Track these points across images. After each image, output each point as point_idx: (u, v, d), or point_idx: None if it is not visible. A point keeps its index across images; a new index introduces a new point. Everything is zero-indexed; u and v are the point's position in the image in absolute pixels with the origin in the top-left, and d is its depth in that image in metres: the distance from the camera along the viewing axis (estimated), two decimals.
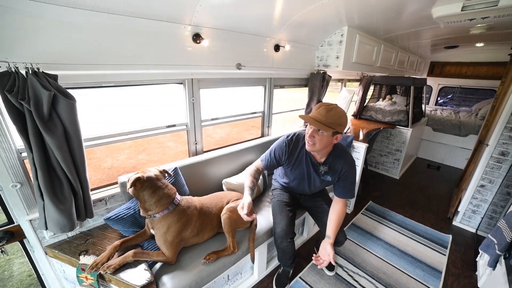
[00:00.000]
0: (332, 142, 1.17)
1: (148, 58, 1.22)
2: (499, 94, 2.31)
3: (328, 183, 1.37)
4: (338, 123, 1.09)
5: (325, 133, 1.11)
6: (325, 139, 1.13)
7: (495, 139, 1.97)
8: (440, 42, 3.34)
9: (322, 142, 1.14)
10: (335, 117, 1.08)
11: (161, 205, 1.15)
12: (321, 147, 1.17)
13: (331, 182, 1.33)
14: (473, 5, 1.58)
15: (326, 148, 1.21)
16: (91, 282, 1.05)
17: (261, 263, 1.63)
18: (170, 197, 1.18)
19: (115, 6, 1.00)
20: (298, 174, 1.39)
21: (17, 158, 1.05)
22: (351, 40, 2.10)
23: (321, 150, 1.20)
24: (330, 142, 1.16)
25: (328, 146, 1.19)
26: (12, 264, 1.98)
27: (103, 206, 1.35)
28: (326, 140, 1.14)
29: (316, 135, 1.13)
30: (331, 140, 1.15)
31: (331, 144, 1.19)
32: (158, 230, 1.16)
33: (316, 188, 1.46)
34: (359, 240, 2.09)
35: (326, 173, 1.31)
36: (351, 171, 1.27)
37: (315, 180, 1.37)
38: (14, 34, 0.85)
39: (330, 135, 1.12)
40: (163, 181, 1.19)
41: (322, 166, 1.29)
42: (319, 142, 1.14)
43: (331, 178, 1.31)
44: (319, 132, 1.12)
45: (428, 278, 1.72)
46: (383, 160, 3.50)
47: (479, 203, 2.20)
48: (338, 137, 1.15)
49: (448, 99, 5.04)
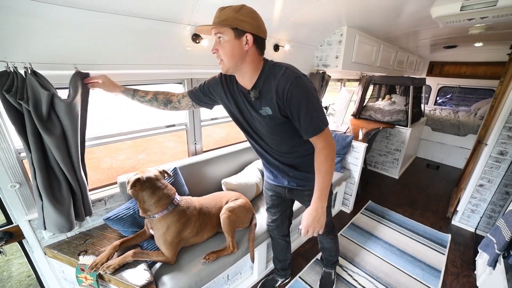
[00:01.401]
0: (243, 50, 0.84)
1: (147, 58, 1.22)
2: (498, 94, 2.32)
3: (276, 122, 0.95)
4: (235, 17, 0.80)
5: (225, 37, 0.82)
6: (227, 46, 0.83)
7: (494, 138, 1.98)
8: (439, 42, 3.35)
9: (225, 51, 0.84)
10: (229, 11, 0.81)
11: (161, 205, 1.15)
12: (229, 59, 0.86)
13: (277, 118, 0.94)
14: (472, 5, 1.59)
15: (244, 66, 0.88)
16: (90, 282, 1.05)
17: (261, 262, 1.63)
18: (170, 198, 1.18)
19: (114, 5, 1.00)
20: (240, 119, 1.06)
21: (16, 158, 1.05)
22: (350, 40, 2.11)
23: (232, 66, 0.87)
24: (239, 49, 0.84)
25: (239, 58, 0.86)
26: (11, 264, 1.98)
27: (102, 206, 1.35)
28: (230, 47, 0.83)
29: (218, 46, 0.85)
30: (239, 45, 0.83)
31: (243, 54, 0.85)
32: (158, 230, 1.16)
33: (267, 137, 1.04)
34: (358, 239, 2.09)
35: (261, 104, 0.93)
36: (297, 89, 0.85)
37: (254, 120, 1.00)
38: (12, 33, 0.85)
39: (233, 38, 0.82)
40: (162, 182, 1.19)
41: (252, 92, 0.93)
42: (222, 52, 0.85)
43: (270, 110, 0.92)
44: (220, 41, 0.84)
45: (427, 278, 1.73)
46: (382, 159, 3.50)
47: (478, 203, 2.20)
48: (249, 40, 0.83)
49: (447, 99, 5.05)
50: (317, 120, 0.89)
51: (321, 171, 0.93)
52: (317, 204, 0.92)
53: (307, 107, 0.87)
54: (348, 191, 2.48)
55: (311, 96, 0.87)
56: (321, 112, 0.90)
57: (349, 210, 2.52)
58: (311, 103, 0.87)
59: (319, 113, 0.90)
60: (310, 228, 0.92)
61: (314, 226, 0.92)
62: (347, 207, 2.54)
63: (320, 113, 0.90)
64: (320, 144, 0.93)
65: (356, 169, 2.37)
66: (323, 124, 0.91)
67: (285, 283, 1.64)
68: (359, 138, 2.40)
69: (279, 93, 0.87)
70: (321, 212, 0.92)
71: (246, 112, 1.01)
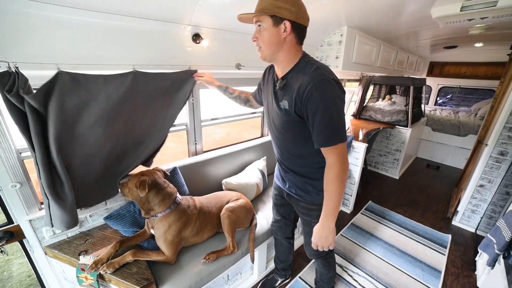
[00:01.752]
0: (281, 37, 0.83)
1: (147, 58, 1.22)
2: (498, 94, 2.32)
3: (287, 118, 0.92)
4: (273, 4, 0.78)
5: (264, 24, 0.82)
6: (266, 34, 0.83)
7: (494, 139, 1.98)
8: (440, 42, 3.34)
9: (264, 39, 0.85)
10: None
11: (164, 204, 1.16)
12: (266, 47, 0.86)
13: (289, 115, 0.90)
14: (472, 6, 1.59)
15: (281, 54, 0.87)
16: (91, 282, 1.05)
17: (261, 263, 1.63)
18: (172, 196, 1.19)
19: (114, 6, 1.00)
20: (265, 107, 1.08)
21: (17, 158, 1.05)
22: (350, 40, 2.11)
23: (269, 54, 0.88)
24: (276, 37, 0.83)
25: (277, 45, 0.85)
26: (11, 264, 1.98)
27: (102, 206, 1.35)
28: (269, 35, 0.83)
29: (258, 34, 0.86)
30: (277, 33, 0.82)
31: (281, 42, 0.84)
32: (158, 230, 1.16)
33: (279, 133, 1.01)
34: (358, 240, 2.09)
35: (283, 96, 0.91)
36: (318, 92, 0.79)
37: (274, 111, 0.98)
38: (13, 33, 0.85)
39: (271, 26, 0.82)
40: (164, 180, 1.21)
41: (279, 82, 0.93)
42: (261, 40, 0.86)
43: (287, 104, 0.89)
44: (260, 29, 0.85)
45: (427, 278, 1.73)
46: (382, 160, 3.50)
47: (478, 203, 2.20)
48: (287, 27, 0.81)
49: (447, 99, 5.05)
50: (330, 132, 0.82)
51: (329, 190, 0.90)
52: (324, 223, 0.93)
53: (323, 115, 0.80)
54: (348, 191, 2.48)
55: (331, 104, 0.80)
56: (338, 125, 0.83)
57: (349, 210, 2.52)
58: (328, 111, 0.80)
59: (336, 125, 0.82)
60: (318, 244, 0.96)
61: (321, 244, 0.95)
62: (347, 207, 2.54)
63: (336, 126, 0.82)
64: (330, 160, 0.87)
65: (356, 169, 2.37)
66: (336, 139, 0.83)
67: (285, 283, 1.64)
68: (359, 138, 2.41)
69: (300, 90, 0.83)
70: (328, 231, 0.93)
71: (270, 100, 0.99)
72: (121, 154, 1.24)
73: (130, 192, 1.13)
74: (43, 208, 1.19)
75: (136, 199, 1.15)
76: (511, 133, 1.91)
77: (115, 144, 1.17)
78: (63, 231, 1.22)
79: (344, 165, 0.87)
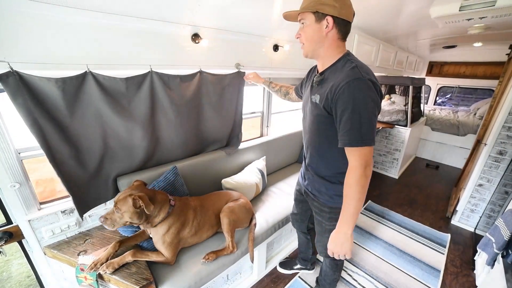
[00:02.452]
0: (322, 33, 0.85)
1: (146, 58, 1.22)
2: (497, 94, 2.33)
3: (317, 112, 0.92)
4: (316, 1, 0.81)
5: (307, 21, 0.85)
6: (309, 30, 0.86)
7: (493, 138, 1.98)
8: (439, 42, 3.35)
9: (306, 36, 0.88)
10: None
11: (163, 210, 1.13)
12: (308, 43, 0.89)
13: (319, 109, 0.91)
14: (471, 5, 1.59)
15: (323, 50, 0.89)
16: (90, 282, 1.05)
17: (261, 262, 1.63)
18: (167, 200, 1.17)
19: (113, 6, 1.00)
20: (303, 99, 1.11)
21: (16, 158, 1.05)
22: (350, 40, 2.10)
23: (311, 50, 0.90)
24: (318, 33, 0.85)
25: (319, 41, 0.87)
26: (10, 265, 1.98)
27: (102, 206, 1.35)
28: (311, 31, 0.85)
29: (301, 31, 0.89)
30: (319, 29, 0.84)
31: (323, 38, 0.86)
32: (156, 234, 1.14)
33: (308, 126, 1.02)
34: (358, 239, 2.09)
35: (318, 90, 0.92)
36: (350, 89, 0.78)
37: (307, 103, 1.01)
38: (13, 34, 0.85)
39: (314, 22, 0.84)
40: (151, 189, 1.17)
41: (316, 76, 0.95)
42: (304, 36, 0.89)
43: (319, 99, 0.90)
44: (303, 26, 0.88)
45: (426, 277, 1.73)
46: (382, 159, 3.51)
47: (477, 202, 2.21)
48: (329, 23, 0.82)
49: (446, 99, 5.06)
50: (357, 133, 0.79)
51: (348, 195, 0.86)
52: (341, 228, 0.90)
53: (352, 113, 0.78)
54: None
55: (361, 104, 0.78)
56: (365, 127, 0.79)
57: None
58: (358, 111, 0.78)
59: (363, 126, 0.79)
60: (334, 251, 0.93)
61: (337, 251, 0.92)
62: None
63: (363, 127, 0.79)
64: (353, 163, 0.84)
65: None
66: (362, 141, 0.79)
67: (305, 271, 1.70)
68: None
69: (334, 86, 0.82)
70: (344, 238, 0.89)
71: (307, 95, 1.01)
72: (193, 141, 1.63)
73: (123, 216, 1.03)
74: (42, 209, 1.19)
75: (131, 220, 1.04)
76: (510, 133, 1.91)
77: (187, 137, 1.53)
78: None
79: (366, 171, 0.83)
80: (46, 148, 1.00)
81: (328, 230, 1.14)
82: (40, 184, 2.30)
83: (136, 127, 1.25)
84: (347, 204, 0.87)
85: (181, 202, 1.25)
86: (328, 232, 1.09)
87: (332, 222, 1.09)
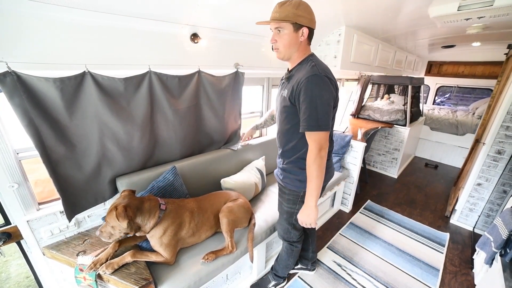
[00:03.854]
0: (298, 40, 0.98)
1: (145, 58, 1.22)
2: (495, 93, 2.33)
3: (284, 104, 1.07)
4: (294, 13, 0.92)
5: (285, 30, 0.96)
6: (286, 37, 0.97)
7: (492, 137, 1.99)
8: (437, 41, 3.36)
9: (283, 41, 0.98)
10: (290, 7, 0.93)
11: (153, 217, 1.10)
12: (285, 49, 1.00)
13: (286, 101, 1.05)
14: (469, 5, 1.59)
15: (296, 53, 1.02)
16: (89, 283, 1.05)
17: (260, 262, 1.64)
18: (157, 204, 1.14)
19: (112, 6, 1.00)
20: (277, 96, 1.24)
21: (14, 159, 1.05)
22: (349, 39, 2.11)
23: (287, 54, 1.02)
24: (295, 40, 0.98)
25: (294, 47, 1.00)
26: (9, 265, 1.97)
27: (101, 206, 1.35)
28: (288, 38, 0.97)
29: (277, 37, 0.99)
30: (295, 37, 0.97)
31: (298, 44, 0.99)
32: (153, 237, 1.14)
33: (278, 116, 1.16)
34: (357, 239, 2.10)
35: (286, 85, 1.07)
36: (308, 84, 0.93)
37: (278, 98, 1.15)
38: (12, 34, 0.85)
39: (292, 31, 0.96)
40: (139, 197, 1.14)
41: (286, 73, 1.10)
42: (281, 43, 0.99)
43: (286, 93, 1.05)
44: (279, 32, 0.98)
45: (425, 276, 1.74)
46: (381, 159, 3.51)
47: (476, 201, 2.21)
48: (304, 33, 0.97)
49: (445, 98, 5.07)
50: (313, 120, 0.95)
51: (309, 173, 1.03)
52: (307, 202, 1.08)
53: (309, 103, 0.94)
54: (347, 190, 2.49)
55: (317, 95, 0.94)
56: (321, 114, 0.95)
57: (348, 210, 2.53)
58: (314, 101, 0.94)
59: (319, 114, 0.94)
60: (302, 221, 1.12)
61: (305, 220, 1.11)
62: (346, 206, 2.55)
63: (319, 115, 0.95)
64: (310, 145, 1.00)
65: (355, 169, 2.37)
66: (317, 126, 0.95)
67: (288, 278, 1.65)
68: (358, 137, 2.41)
69: (297, 81, 0.98)
70: (310, 210, 1.07)
71: (279, 90, 1.16)
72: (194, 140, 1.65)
73: (114, 228, 1.03)
74: (41, 209, 1.19)
75: (126, 231, 1.04)
76: (508, 132, 1.92)
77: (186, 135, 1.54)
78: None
79: (321, 152, 0.98)
80: (41, 148, 1.00)
81: (285, 211, 1.29)
82: (39, 185, 2.29)
83: (135, 127, 1.25)
84: (309, 181, 1.03)
85: (174, 204, 1.22)
86: (286, 214, 1.30)
87: (290, 204, 1.24)
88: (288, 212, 1.27)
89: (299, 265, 1.71)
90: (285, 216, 1.30)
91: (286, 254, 1.46)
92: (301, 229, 1.37)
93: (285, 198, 1.25)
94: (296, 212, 1.23)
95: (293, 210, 1.24)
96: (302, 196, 1.17)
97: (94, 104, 1.09)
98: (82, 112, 1.08)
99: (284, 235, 1.38)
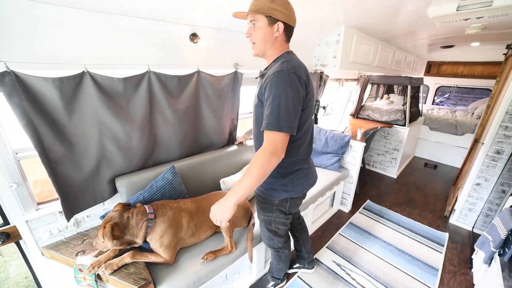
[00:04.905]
0: (273, 36, 0.93)
1: (144, 58, 1.22)
2: (494, 93, 2.34)
3: (255, 103, 1.01)
4: (269, 6, 0.87)
5: (259, 23, 0.91)
6: (260, 31, 0.92)
7: (491, 137, 1.99)
8: (437, 41, 3.37)
9: (258, 36, 0.93)
10: (265, 0, 0.88)
11: (142, 229, 1.09)
12: (261, 44, 0.94)
13: (256, 99, 1.00)
14: (468, 5, 1.60)
15: (270, 49, 0.96)
16: (89, 282, 1.05)
17: (259, 262, 1.64)
18: (144, 216, 1.11)
19: (111, 6, 1.00)
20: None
21: (13, 159, 1.05)
22: (348, 39, 2.11)
23: (262, 50, 0.96)
24: (270, 35, 0.92)
25: (269, 42, 0.94)
26: (8, 266, 1.97)
27: (100, 206, 1.35)
28: (263, 33, 0.92)
29: (252, 30, 0.94)
30: (271, 32, 0.92)
31: (273, 40, 0.94)
32: (152, 240, 1.13)
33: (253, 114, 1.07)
34: (356, 238, 2.10)
35: (259, 83, 1.01)
36: (275, 80, 0.86)
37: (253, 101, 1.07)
38: (11, 34, 0.85)
39: (266, 25, 0.91)
40: (125, 214, 1.09)
41: (260, 72, 1.05)
42: (256, 38, 0.94)
43: (257, 91, 0.99)
44: (254, 26, 0.93)
45: (425, 276, 1.74)
46: (380, 159, 3.52)
47: (475, 201, 2.22)
48: (279, 28, 0.91)
49: (444, 99, 5.08)
50: (273, 118, 0.84)
51: (247, 170, 0.87)
52: (227, 196, 0.89)
53: (273, 100, 0.86)
54: (347, 190, 2.49)
55: (282, 92, 0.85)
56: (283, 113, 0.84)
57: (347, 210, 2.53)
58: (278, 98, 0.85)
59: (281, 113, 0.84)
60: (213, 215, 0.92)
61: (215, 215, 0.91)
62: (346, 206, 2.55)
63: (281, 114, 0.84)
64: (264, 144, 0.88)
65: (354, 169, 2.38)
66: (277, 125, 0.84)
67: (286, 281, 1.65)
68: (357, 137, 2.41)
69: (265, 78, 0.92)
70: (225, 205, 0.88)
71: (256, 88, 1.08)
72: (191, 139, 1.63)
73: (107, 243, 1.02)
74: (40, 209, 1.19)
75: (116, 247, 1.05)
76: (507, 132, 1.93)
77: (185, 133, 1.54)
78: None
79: (272, 157, 0.85)
80: (40, 148, 1.00)
81: (263, 219, 1.23)
82: (38, 185, 2.29)
83: (134, 127, 1.25)
84: (242, 177, 0.87)
85: (167, 208, 1.19)
86: (264, 222, 1.23)
87: (266, 212, 1.18)
88: (265, 220, 1.21)
89: (296, 264, 1.71)
90: (263, 224, 1.26)
91: (275, 259, 1.45)
92: (285, 235, 1.30)
93: (261, 206, 1.20)
94: (274, 220, 1.18)
95: (270, 218, 1.19)
96: (278, 204, 1.13)
97: (93, 104, 1.09)
98: (81, 112, 1.08)
99: (268, 242, 1.33)
